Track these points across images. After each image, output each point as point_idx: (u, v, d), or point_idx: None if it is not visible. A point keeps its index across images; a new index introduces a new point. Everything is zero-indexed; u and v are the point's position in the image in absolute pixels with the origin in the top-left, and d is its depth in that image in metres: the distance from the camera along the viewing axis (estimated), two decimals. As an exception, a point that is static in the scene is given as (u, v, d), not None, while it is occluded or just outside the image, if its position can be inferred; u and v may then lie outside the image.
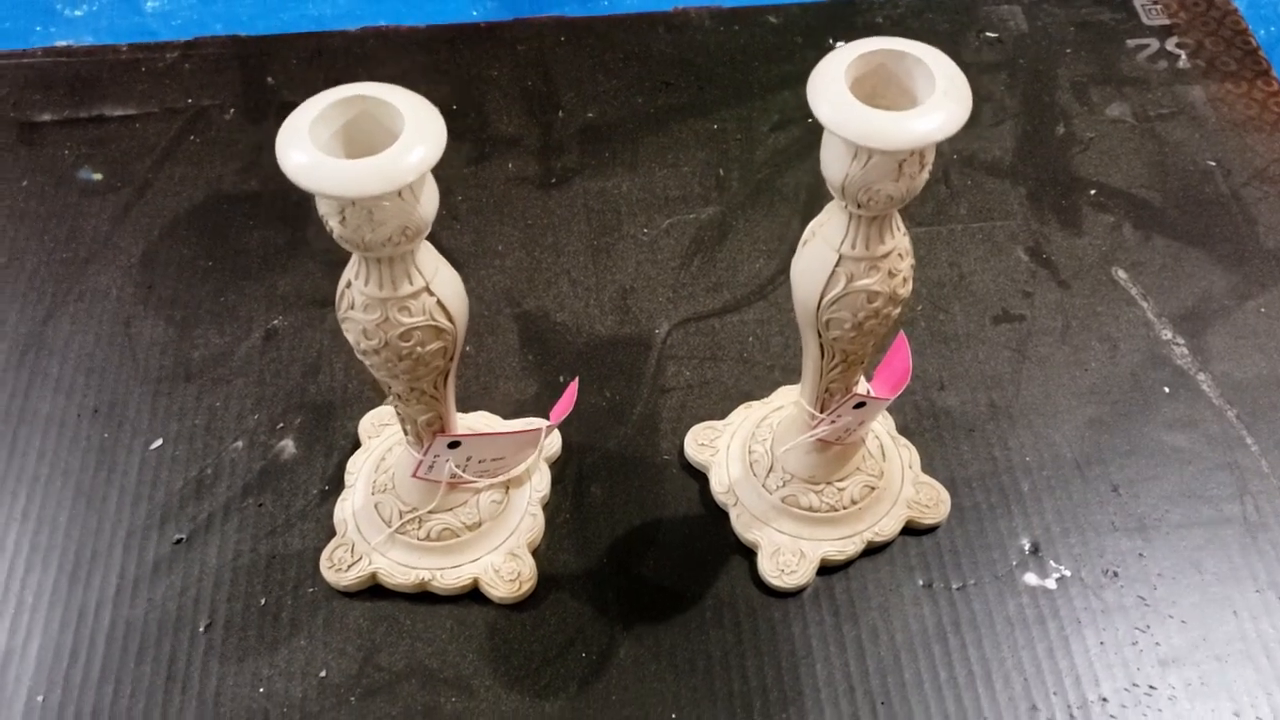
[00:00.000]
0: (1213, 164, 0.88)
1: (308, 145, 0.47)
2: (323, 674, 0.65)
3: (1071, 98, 0.93)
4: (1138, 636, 0.66)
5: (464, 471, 0.66)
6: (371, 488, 0.69)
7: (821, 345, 0.59)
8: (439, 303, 0.55)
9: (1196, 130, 0.90)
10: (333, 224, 0.50)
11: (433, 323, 0.55)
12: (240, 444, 0.74)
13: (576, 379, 0.69)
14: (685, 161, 0.89)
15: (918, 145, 0.48)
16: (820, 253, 0.55)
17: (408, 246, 0.52)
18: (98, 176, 0.88)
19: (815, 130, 0.91)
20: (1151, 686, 0.64)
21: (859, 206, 0.52)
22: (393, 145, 0.48)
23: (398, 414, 0.63)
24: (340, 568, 0.67)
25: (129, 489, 0.72)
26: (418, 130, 0.48)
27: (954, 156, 0.89)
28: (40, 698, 0.64)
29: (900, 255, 0.55)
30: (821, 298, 0.56)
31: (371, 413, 0.75)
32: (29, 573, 0.68)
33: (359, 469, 0.72)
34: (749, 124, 0.92)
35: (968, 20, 0.98)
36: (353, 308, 0.55)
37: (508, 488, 0.69)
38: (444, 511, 0.67)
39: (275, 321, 0.80)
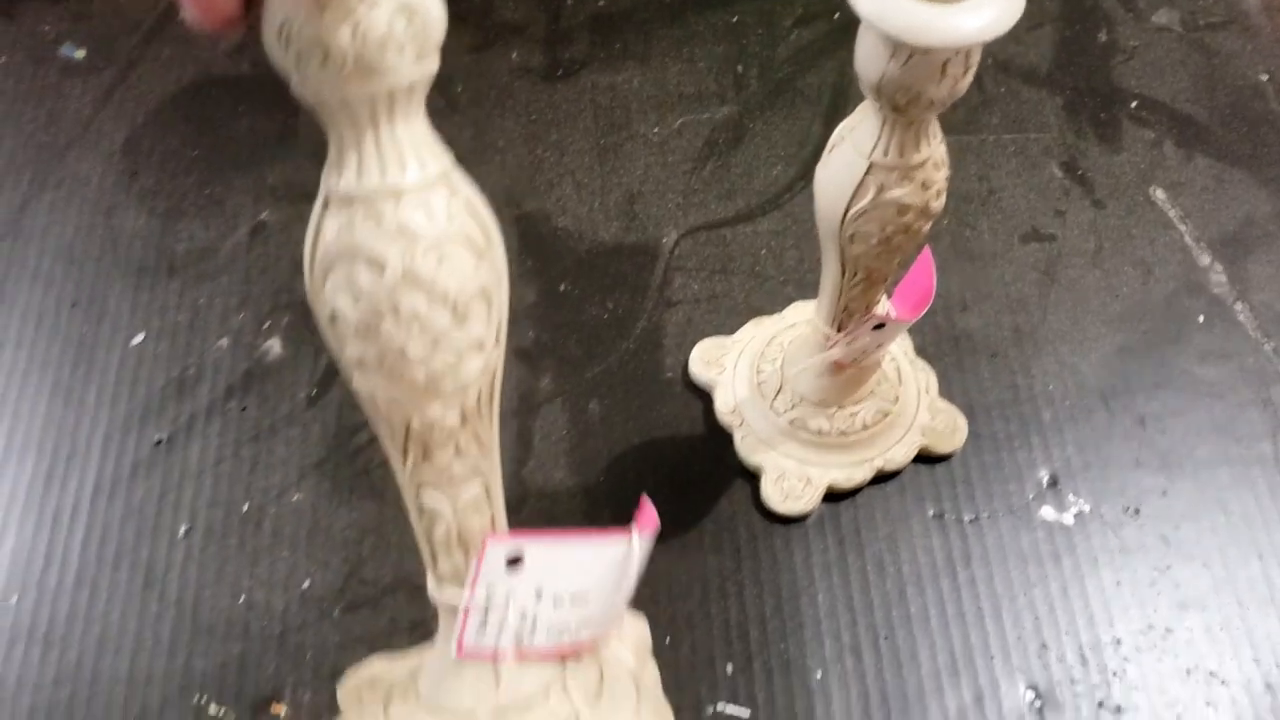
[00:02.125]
0: (1264, 78, 0.83)
1: None
2: (305, 585, 0.62)
3: (1116, 2, 0.87)
4: (1156, 577, 0.63)
5: (533, 627, 0.44)
6: None
7: (843, 261, 0.55)
8: (469, 205, 0.35)
9: (1249, 42, 0.85)
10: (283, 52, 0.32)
11: (465, 236, 0.35)
12: (224, 343, 0.70)
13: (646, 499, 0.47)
14: (701, 56, 0.84)
15: (965, 44, 0.43)
16: (849, 159, 0.51)
17: (420, 74, 0.33)
18: (80, 54, 0.83)
19: (842, 26, 0.86)
20: (1168, 629, 0.61)
21: (895, 110, 0.47)
22: None
23: (421, 523, 0.42)
24: None
25: (108, 387, 0.69)
26: None
27: (988, 61, 0.83)
28: (14, 599, 0.61)
29: (935, 165, 0.51)
30: (847, 209, 0.52)
31: (353, 674, 0.55)
32: (3, 471, 0.66)
33: None
34: (770, 18, 0.86)
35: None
36: (339, 235, 0.34)
37: (594, 660, 0.50)
38: (519, 714, 0.46)
39: (263, 215, 0.75)
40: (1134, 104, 0.81)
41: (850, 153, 0.51)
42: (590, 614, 0.46)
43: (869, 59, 0.46)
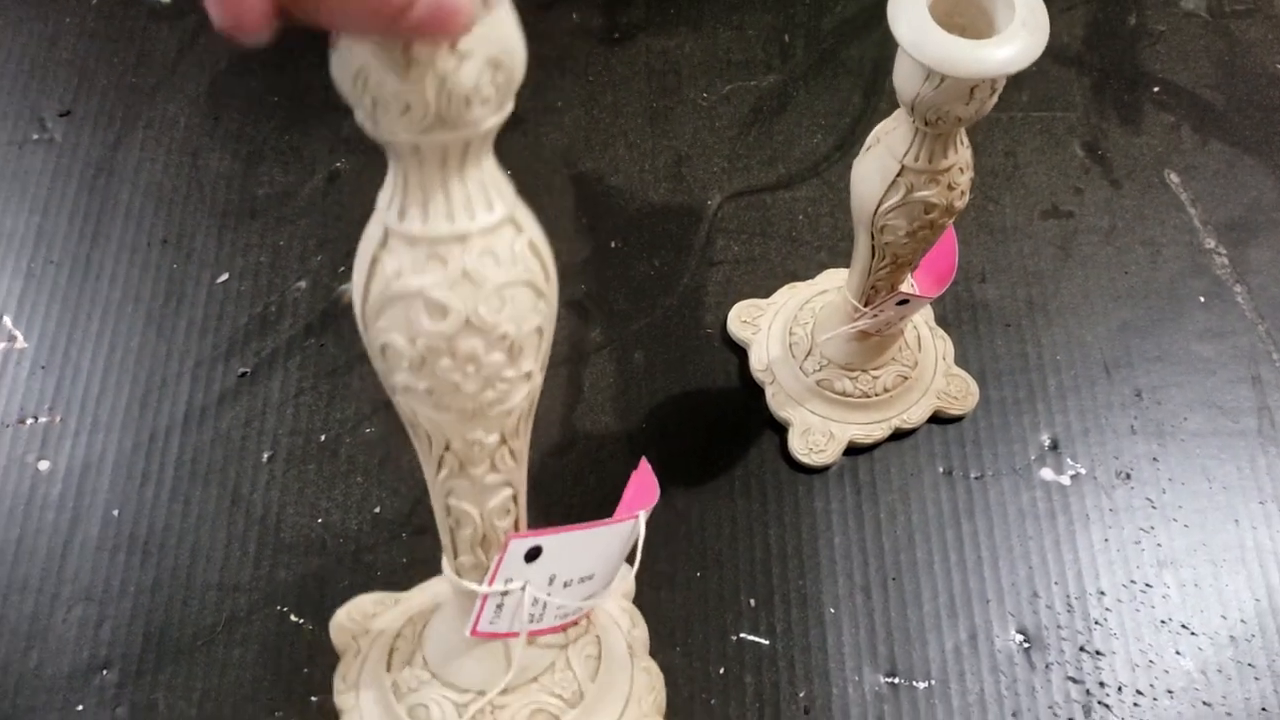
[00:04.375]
0: (1282, 68, 0.87)
1: None
2: (377, 510, 0.69)
3: (1148, -15, 0.91)
4: (1141, 537, 0.69)
5: (543, 610, 0.46)
6: (392, 688, 0.51)
7: (873, 247, 0.61)
8: (532, 246, 0.36)
9: (1271, 30, 0.89)
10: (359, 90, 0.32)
11: (528, 279, 0.36)
12: (303, 284, 0.77)
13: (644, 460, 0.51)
14: (750, 24, 0.89)
15: (993, 75, 0.48)
16: (883, 161, 0.56)
17: (499, 121, 0.33)
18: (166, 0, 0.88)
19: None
20: (1148, 585, 0.68)
21: (926, 124, 0.53)
22: None
23: (447, 520, 0.43)
24: None
25: (197, 320, 0.76)
26: None
27: (1021, 41, 0.88)
28: (116, 511, 0.69)
29: (961, 169, 0.57)
30: (879, 204, 0.57)
31: (343, 610, 0.59)
32: (103, 394, 0.73)
33: (355, 680, 0.54)
34: (818, -10, 0.91)
35: (1052, -109, 0.95)
36: (400, 275, 0.34)
37: (592, 629, 0.53)
38: (525, 685, 0.48)
39: (338, 164, 0.81)
40: (1156, 88, 0.86)
41: (885, 155, 0.56)
42: (595, 587, 0.48)
43: (906, 80, 0.51)
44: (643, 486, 0.48)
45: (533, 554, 0.44)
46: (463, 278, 0.34)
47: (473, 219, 0.34)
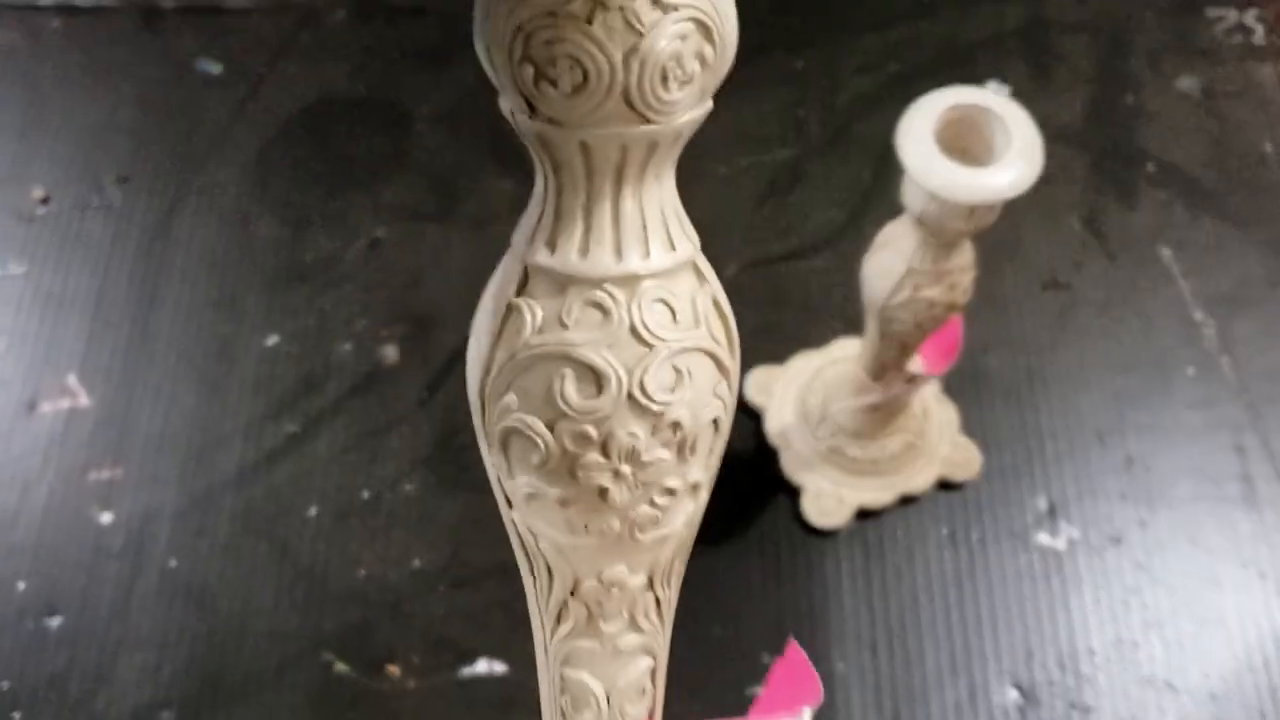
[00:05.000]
0: (1269, 149, 0.92)
1: None
2: (416, 564, 0.74)
3: (1144, 65, 0.96)
4: (1129, 598, 0.74)
5: None
6: None
7: (882, 334, 0.66)
8: (717, 305, 0.28)
9: (1261, 111, 0.93)
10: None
11: (710, 348, 0.28)
12: (348, 347, 0.82)
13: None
14: (767, 99, 0.94)
15: (989, 201, 0.53)
16: (891, 263, 0.61)
17: (697, 117, 0.24)
18: (216, 69, 0.94)
19: (897, 76, 0.95)
20: (1135, 643, 0.73)
21: (932, 235, 0.58)
22: None
23: (558, 701, 0.32)
24: None
25: (248, 381, 0.81)
26: None
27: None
28: (173, 563, 0.74)
29: (963, 270, 0.62)
30: (888, 300, 0.62)
31: None
32: (161, 451, 0.78)
33: None
34: (832, 64, 0.96)
35: (1055, -29, 1.00)
36: (543, 329, 0.26)
37: None
38: None
39: (379, 232, 0.87)
40: (1151, 166, 0.91)
41: (893, 257, 0.61)
42: None
43: (913, 199, 0.56)
44: (794, 678, 0.37)
45: None
46: (629, 335, 0.26)
47: (646, 256, 0.26)
